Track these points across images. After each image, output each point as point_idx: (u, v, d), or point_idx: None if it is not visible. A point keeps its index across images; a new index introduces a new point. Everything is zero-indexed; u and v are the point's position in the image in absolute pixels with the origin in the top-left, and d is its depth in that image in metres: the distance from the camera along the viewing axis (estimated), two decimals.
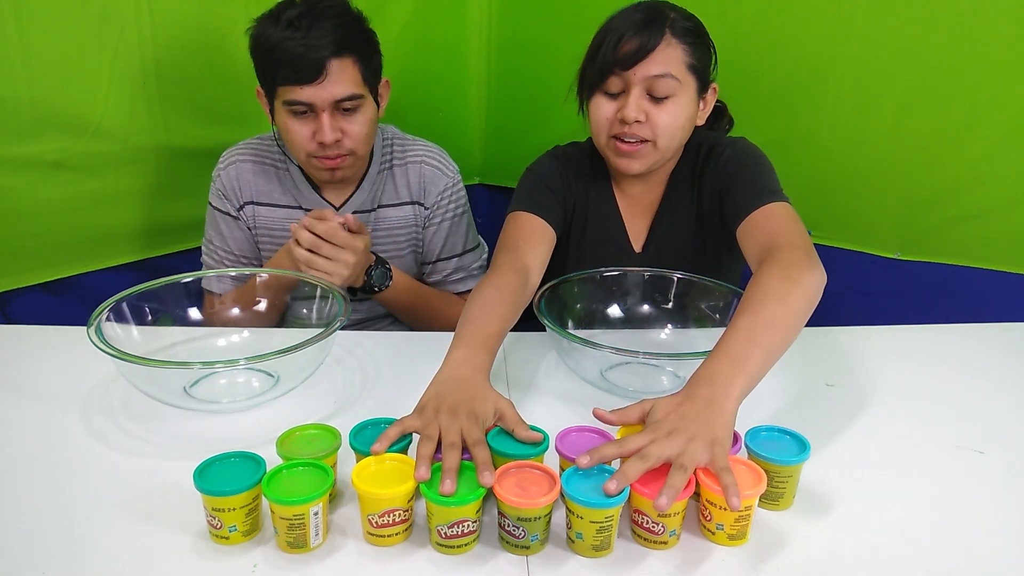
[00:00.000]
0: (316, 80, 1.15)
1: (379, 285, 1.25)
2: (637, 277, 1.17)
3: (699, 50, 1.12)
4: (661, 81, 1.09)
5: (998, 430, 0.93)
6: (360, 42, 1.20)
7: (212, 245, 1.37)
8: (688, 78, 1.11)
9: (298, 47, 1.13)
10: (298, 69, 1.14)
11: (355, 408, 0.95)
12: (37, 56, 1.28)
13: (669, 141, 1.13)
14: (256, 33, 1.18)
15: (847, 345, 1.15)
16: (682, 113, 1.12)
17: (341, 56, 1.16)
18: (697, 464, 0.70)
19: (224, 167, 1.34)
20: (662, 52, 1.08)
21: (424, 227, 1.38)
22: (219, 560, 0.68)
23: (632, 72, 1.09)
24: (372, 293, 1.26)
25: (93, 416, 0.92)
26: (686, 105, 1.12)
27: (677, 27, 1.10)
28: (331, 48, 1.14)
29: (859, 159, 1.54)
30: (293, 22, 1.13)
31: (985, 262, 1.50)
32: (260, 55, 1.18)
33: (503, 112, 1.97)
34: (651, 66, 1.08)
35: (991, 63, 1.37)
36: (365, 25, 1.22)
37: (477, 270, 1.41)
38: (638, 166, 1.15)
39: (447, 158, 1.40)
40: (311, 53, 1.13)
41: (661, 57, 1.08)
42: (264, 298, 1.17)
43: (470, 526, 0.69)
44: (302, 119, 1.20)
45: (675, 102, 1.11)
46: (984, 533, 0.74)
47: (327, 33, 1.14)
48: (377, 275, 1.24)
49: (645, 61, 1.08)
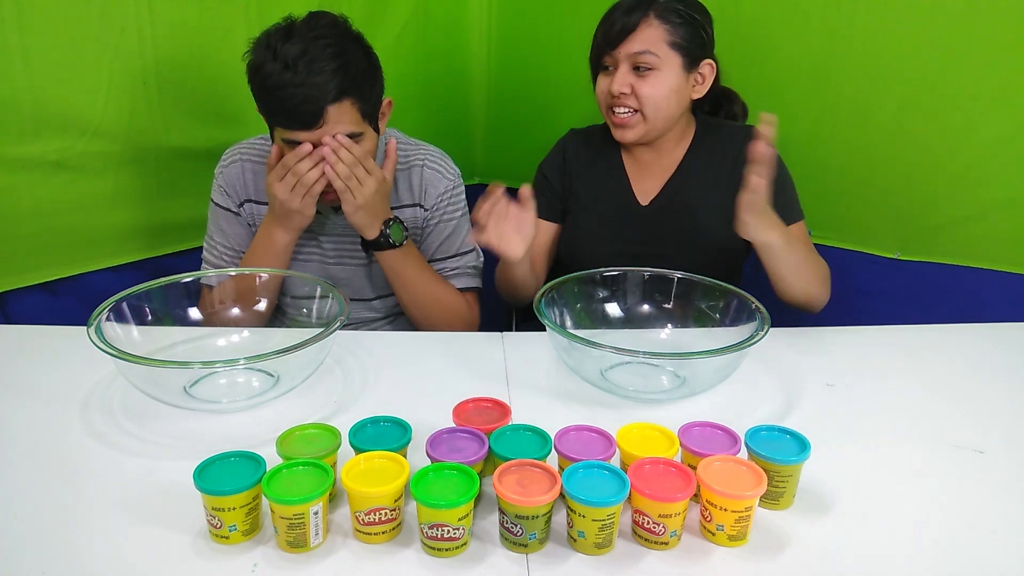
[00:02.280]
0: (313, 127, 1.14)
1: (397, 240, 1.25)
2: (637, 277, 1.17)
3: (684, 29, 1.24)
4: (642, 57, 1.23)
5: (998, 430, 0.93)
6: (359, 82, 1.16)
7: (213, 241, 1.37)
8: (670, 54, 1.24)
9: (295, 96, 1.11)
10: (295, 118, 1.13)
11: (355, 408, 0.95)
12: (37, 56, 1.28)
13: (655, 111, 1.27)
14: (253, 64, 1.15)
15: (847, 345, 1.15)
16: (665, 85, 1.25)
17: (339, 100, 1.13)
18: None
19: (227, 164, 1.34)
20: (643, 32, 1.23)
21: (423, 228, 1.38)
22: (219, 560, 0.68)
23: (618, 51, 1.24)
24: (385, 247, 1.25)
25: (93, 416, 0.92)
26: (670, 79, 1.25)
27: (660, 7, 1.23)
28: (330, 97, 1.12)
29: (859, 159, 1.54)
30: (289, 64, 1.10)
31: (985, 262, 1.50)
32: (256, 90, 1.16)
33: (503, 112, 1.97)
34: (632, 44, 1.23)
35: (991, 63, 1.37)
36: (363, 56, 1.18)
37: (472, 270, 1.41)
38: (631, 135, 1.30)
39: (448, 161, 1.39)
40: (308, 104, 1.11)
41: (641, 36, 1.23)
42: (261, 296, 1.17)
43: (451, 531, 0.68)
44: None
45: (657, 75, 1.24)
46: (984, 533, 0.74)
47: (326, 80, 1.11)
48: (394, 230, 1.25)
49: (627, 40, 1.23)
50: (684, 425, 0.80)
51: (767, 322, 0.97)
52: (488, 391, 0.91)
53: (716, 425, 0.81)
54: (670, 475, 0.72)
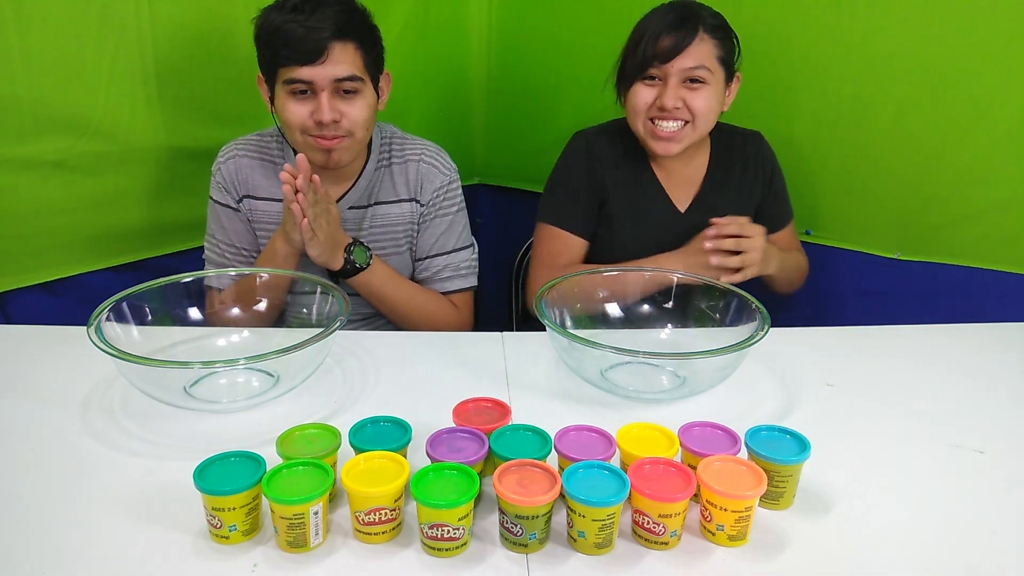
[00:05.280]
0: (317, 60, 1.17)
1: (362, 263, 1.26)
2: (637, 277, 1.17)
3: (727, 44, 1.29)
4: (696, 72, 1.26)
5: (998, 430, 0.93)
6: (362, 29, 1.22)
7: (214, 239, 1.37)
8: (718, 69, 1.28)
9: (300, 28, 1.16)
10: (299, 50, 1.17)
11: (355, 408, 0.95)
12: (37, 56, 1.28)
13: (705, 124, 1.31)
14: (260, 20, 1.21)
15: (847, 345, 1.15)
16: (715, 98, 1.29)
17: (343, 39, 1.18)
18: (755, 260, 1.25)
19: (224, 160, 1.35)
20: (696, 47, 1.25)
21: (419, 224, 1.38)
22: (219, 560, 0.68)
23: (670, 65, 1.26)
24: (352, 273, 1.26)
25: (93, 416, 0.92)
26: (717, 92, 1.30)
27: (708, 24, 1.26)
28: (332, 30, 1.17)
29: (859, 159, 1.54)
30: (298, 7, 1.17)
31: (985, 262, 1.49)
32: (263, 39, 1.21)
33: (503, 112, 1.97)
34: (687, 59, 1.25)
35: (991, 63, 1.37)
36: (368, 17, 1.25)
37: (465, 269, 1.41)
38: (676, 148, 1.32)
39: (445, 157, 1.40)
40: (313, 34, 1.16)
41: (695, 51, 1.25)
42: (264, 297, 1.17)
43: (451, 531, 0.68)
44: (301, 99, 1.21)
45: (708, 89, 1.28)
46: (984, 533, 0.74)
47: (330, 17, 1.17)
48: (357, 253, 1.25)
49: (681, 55, 1.25)
50: (684, 425, 0.80)
51: (767, 322, 0.97)
52: (488, 391, 0.91)
53: (716, 425, 0.81)
54: (670, 475, 0.72)
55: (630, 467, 0.73)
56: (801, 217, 1.59)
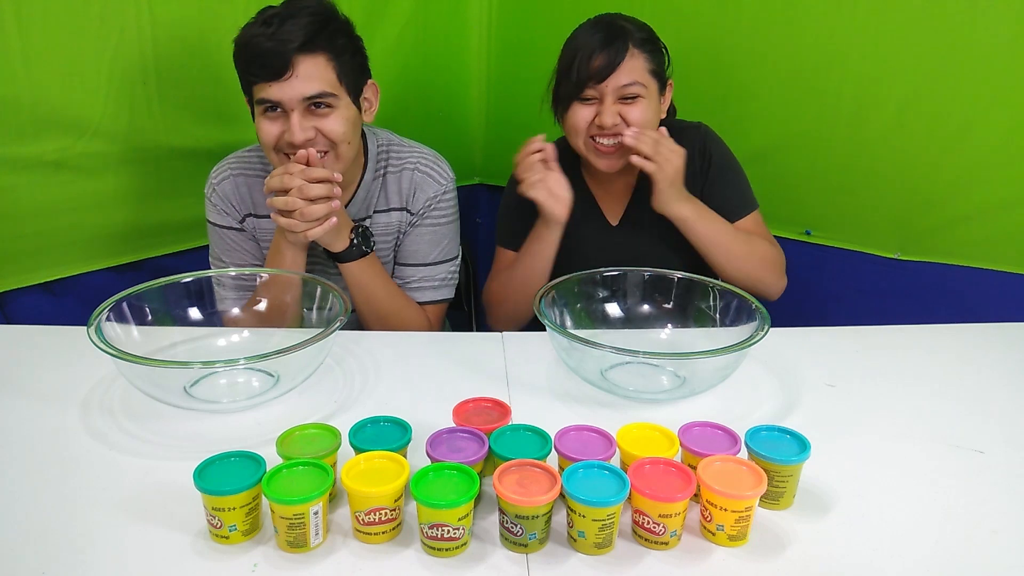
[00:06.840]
0: (283, 76, 1.12)
1: (366, 246, 1.23)
2: (637, 277, 1.17)
3: (656, 56, 1.29)
4: (630, 88, 1.26)
5: (998, 430, 0.93)
6: (333, 39, 1.16)
7: (223, 263, 1.33)
8: (651, 81, 1.28)
9: (268, 42, 1.12)
10: (264, 64, 1.13)
11: (355, 408, 0.95)
12: (37, 56, 1.28)
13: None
14: (236, 37, 1.18)
15: (847, 345, 1.15)
16: (651, 110, 1.29)
17: (311, 52, 1.13)
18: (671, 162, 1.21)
19: (217, 182, 1.31)
20: (628, 64, 1.25)
21: (404, 233, 1.35)
22: (219, 560, 0.69)
23: (605, 84, 1.25)
24: (356, 256, 1.23)
25: (93, 416, 0.92)
26: (653, 104, 1.30)
27: (636, 39, 1.26)
28: (299, 42, 1.12)
29: (859, 159, 1.54)
30: (268, 20, 1.13)
31: (985, 262, 1.50)
32: (236, 54, 1.18)
33: (503, 112, 1.97)
34: (620, 77, 1.25)
35: (991, 63, 1.37)
36: (344, 25, 1.20)
37: (440, 283, 1.37)
38: (620, 163, 1.30)
39: (443, 164, 1.36)
40: (279, 47, 1.11)
41: (628, 68, 1.25)
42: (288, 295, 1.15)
43: (451, 531, 0.68)
44: (272, 117, 1.17)
45: (643, 102, 1.28)
46: (984, 533, 0.74)
47: (299, 28, 1.12)
48: (363, 235, 1.23)
49: (615, 74, 1.24)
50: (684, 425, 0.80)
51: (767, 322, 0.97)
52: (488, 391, 0.91)
53: (716, 425, 0.81)
54: (670, 475, 0.72)
55: (630, 467, 0.73)
56: (801, 217, 1.60)
